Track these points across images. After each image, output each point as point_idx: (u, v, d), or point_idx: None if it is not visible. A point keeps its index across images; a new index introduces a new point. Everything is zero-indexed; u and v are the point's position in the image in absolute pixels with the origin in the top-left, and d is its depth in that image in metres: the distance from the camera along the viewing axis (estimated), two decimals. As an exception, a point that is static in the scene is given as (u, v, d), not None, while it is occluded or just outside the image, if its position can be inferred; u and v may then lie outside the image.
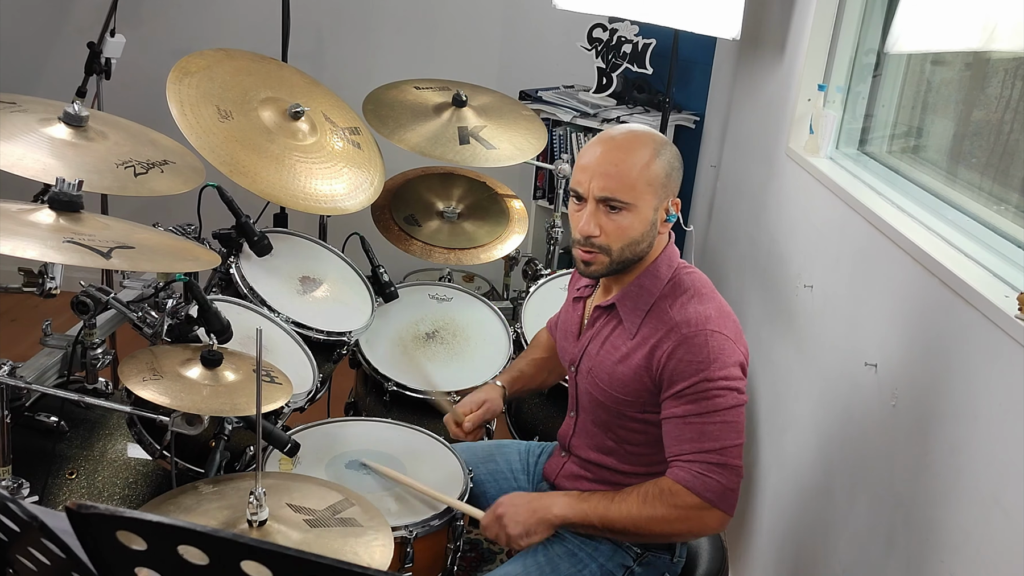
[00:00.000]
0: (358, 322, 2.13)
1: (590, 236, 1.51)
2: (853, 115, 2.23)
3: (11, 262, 1.31)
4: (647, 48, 3.16)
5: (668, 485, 1.48)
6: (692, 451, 1.47)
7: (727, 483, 1.46)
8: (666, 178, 1.52)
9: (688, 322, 1.48)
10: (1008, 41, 1.42)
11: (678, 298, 1.53)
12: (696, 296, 1.53)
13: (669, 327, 1.49)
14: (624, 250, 1.52)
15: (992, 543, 1.22)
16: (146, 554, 0.66)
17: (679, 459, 1.48)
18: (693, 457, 1.46)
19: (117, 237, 1.40)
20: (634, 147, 1.50)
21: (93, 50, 2.50)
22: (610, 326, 1.60)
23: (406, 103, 2.52)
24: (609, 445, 1.63)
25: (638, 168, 1.48)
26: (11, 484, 1.51)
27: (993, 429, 1.25)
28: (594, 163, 1.50)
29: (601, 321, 1.63)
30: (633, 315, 1.56)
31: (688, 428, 1.47)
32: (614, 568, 1.63)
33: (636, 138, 1.52)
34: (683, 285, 1.54)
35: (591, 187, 1.49)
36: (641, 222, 1.51)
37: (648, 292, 1.55)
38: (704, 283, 1.57)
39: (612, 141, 1.52)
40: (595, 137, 1.57)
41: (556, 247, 2.72)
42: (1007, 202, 1.55)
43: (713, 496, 1.45)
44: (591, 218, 1.50)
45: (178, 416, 1.49)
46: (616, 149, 1.50)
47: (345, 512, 1.44)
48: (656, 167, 1.50)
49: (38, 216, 1.39)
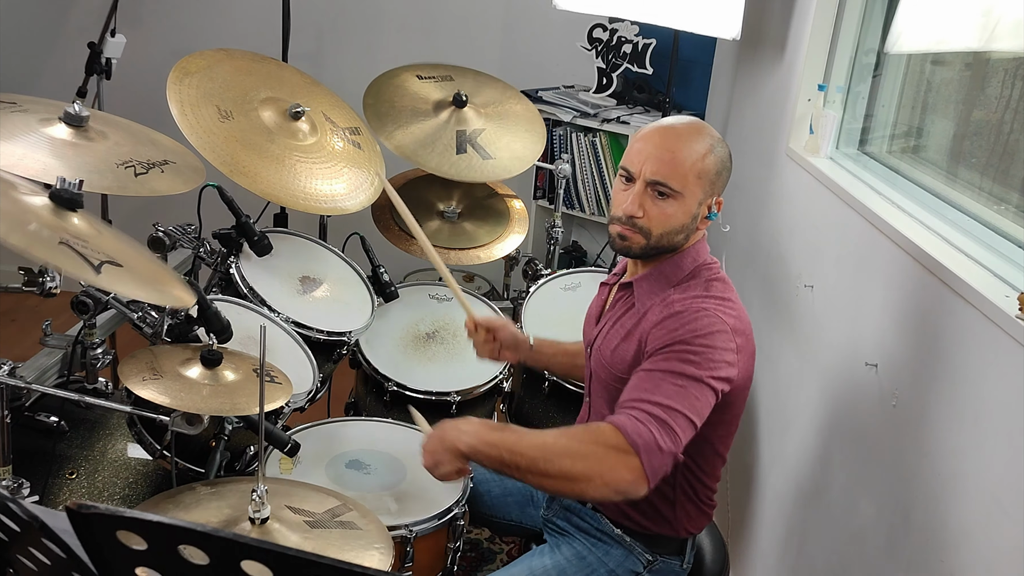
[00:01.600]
0: (358, 322, 2.14)
1: (633, 216, 1.50)
2: (853, 115, 2.23)
3: (11, 262, 1.31)
4: (647, 48, 3.16)
5: (596, 424, 1.39)
6: (638, 399, 1.39)
7: (660, 441, 1.32)
8: (716, 175, 1.52)
9: (684, 302, 1.48)
10: (1008, 41, 1.42)
11: (688, 287, 1.53)
12: (708, 290, 1.52)
13: (666, 305, 1.50)
14: (663, 237, 1.51)
15: (992, 543, 1.22)
16: (146, 554, 0.67)
17: (622, 406, 1.40)
18: (636, 404, 1.38)
19: (108, 249, 1.37)
20: (693, 137, 1.50)
21: (93, 50, 2.50)
22: (625, 307, 1.60)
23: (407, 98, 2.51)
24: None
25: (693, 158, 1.49)
26: (11, 484, 1.50)
27: (993, 429, 1.25)
28: (651, 146, 1.50)
29: (620, 303, 1.62)
30: (645, 298, 1.55)
31: (645, 380, 1.41)
32: (623, 574, 1.61)
33: (697, 129, 1.52)
34: (700, 279, 1.54)
35: (643, 168, 1.49)
36: (685, 213, 1.51)
37: (666, 280, 1.55)
38: (726, 284, 1.55)
39: (673, 128, 1.52)
40: (655, 122, 1.57)
41: (556, 247, 2.72)
42: (1007, 202, 1.55)
43: (640, 443, 1.32)
44: (637, 198, 1.50)
45: (178, 416, 1.49)
46: (676, 136, 1.50)
47: (344, 516, 1.44)
48: (710, 161, 1.50)
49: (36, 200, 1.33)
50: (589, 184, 3.25)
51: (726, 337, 1.45)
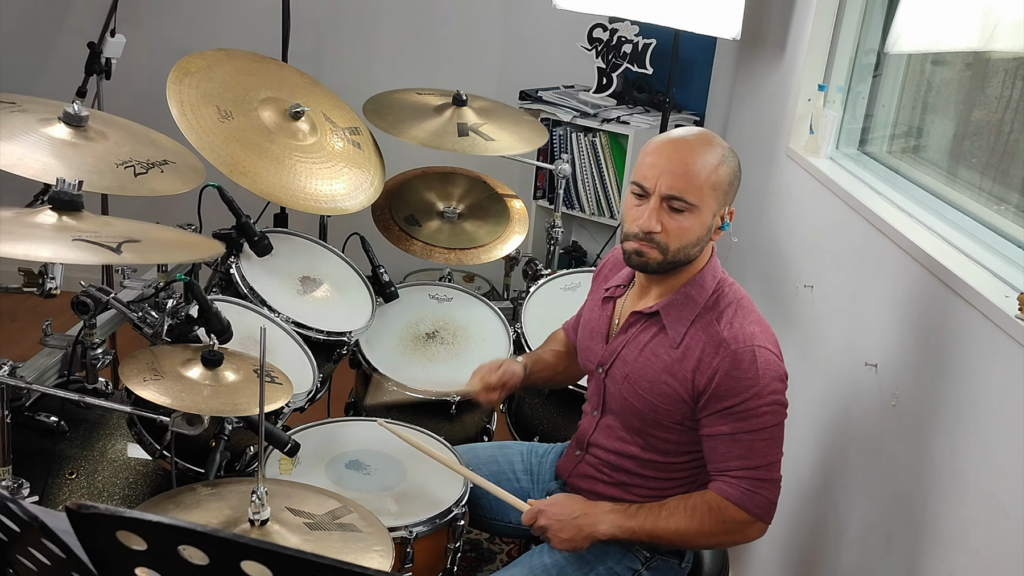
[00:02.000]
0: (358, 322, 2.13)
1: (651, 232, 1.49)
2: (853, 115, 2.23)
3: (11, 262, 1.31)
4: (647, 48, 3.16)
5: (716, 501, 1.50)
6: (740, 467, 1.48)
7: (772, 497, 1.49)
8: (729, 185, 1.52)
9: (736, 338, 1.48)
10: (1008, 41, 1.42)
11: (723, 311, 1.53)
12: (740, 310, 1.53)
13: (717, 342, 1.49)
14: (680, 251, 1.51)
15: (992, 543, 1.22)
16: (146, 554, 0.66)
17: (727, 475, 1.50)
18: (743, 474, 1.48)
19: (122, 233, 1.40)
20: (706, 149, 1.49)
21: (93, 50, 2.50)
22: (649, 333, 1.58)
23: (407, 104, 2.51)
24: (633, 451, 1.62)
25: (707, 170, 1.48)
26: (11, 484, 1.50)
27: (993, 429, 1.25)
28: (664, 159, 1.49)
29: (638, 327, 1.60)
30: (678, 324, 1.54)
31: (737, 445, 1.48)
32: (622, 571, 1.61)
33: (708, 140, 1.51)
34: (727, 297, 1.55)
35: (658, 183, 1.48)
36: (701, 225, 1.50)
37: (694, 302, 1.55)
38: (744, 296, 1.57)
39: (684, 141, 1.51)
40: (664, 134, 1.55)
41: (556, 247, 2.72)
42: (1007, 202, 1.55)
43: (760, 511, 1.49)
44: (654, 214, 1.49)
45: (178, 416, 1.49)
46: (688, 149, 1.49)
47: (344, 518, 1.44)
48: (723, 172, 1.50)
49: (40, 218, 1.38)
50: (589, 184, 3.25)
51: (779, 365, 1.51)
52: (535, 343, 2.25)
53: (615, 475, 1.65)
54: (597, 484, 1.67)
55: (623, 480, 1.64)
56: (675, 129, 1.57)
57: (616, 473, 1.65)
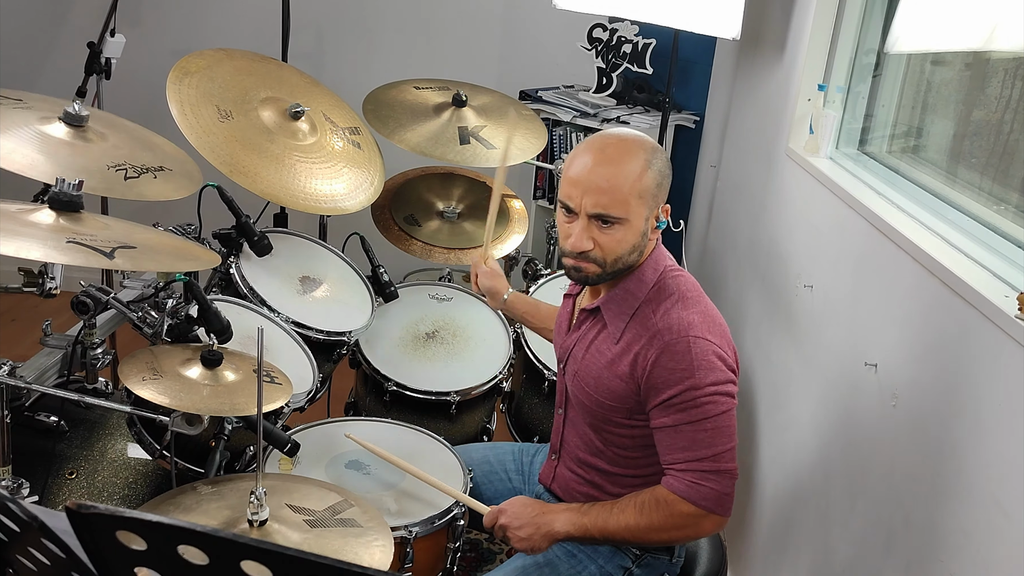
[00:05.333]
0: (358, 322, 2.13)
1: (585, 251, 1.49)
2: (853, 115, 2.23)
3: (11, 262, 1.31)
4: (647, 48, 3.16)
5: (663, 495, 1.48)
6: (685, 459, 1.46)
7: (721, 488, 1.46)
8: (657, 188, 1.50)
9: (670, 328, 1.46)
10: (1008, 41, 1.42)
11: (662, 303, 1.51)
12: (680, 301, 1.51)
13: (651, 334, 1.48)
14: (617, 261, 1.50)
15: (992, 543, 1.22)
16: (146, 554, 0.66)
17: (672, 468, 1.48)
18: (686, 466, 1.46)
19: (118, 237, 1.40)
20: (625, 159, 1.46)
21: (93, 50, 2.50)
22: (595, 330, 1.59)
23: (406, 103, 2.51)
24: (598, 446, 1.63)
25: (630, 182, 1.45)
26: (11, 484, 1.51)
27: (993, 429, 1.25)
28: (584, 177, 1.46)
29: (587, 324, 1.62)
30: (617, 320, 1.54)
31: (679, 437, 1.46)
32: (613, 569, 1.62)
33: (627, 149, 1.47)
34: (668, 289, 1.53)
35: (583, 203, 1.46)
36: (633, 234, 1.49)
37: (633, 296, 1.54)
38: (691, 287, 1.55)
39: (602, 153, 1.47)
40: (582, 144, 1.52)
41: (556, 247, 2.72)
42: (1007, 202, 1.55)
43: (709, 503, 1.46)
44: (583, 233, 1.48)
45: (178, 416, 1.49)
46: (607, 163, 1.46)
47: (345, 513, 1.44)
48: (647, 178, 1.47)
49: (39, 216, 1.39)
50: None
51: (722, 355, 1.47)
52: (535, 343, 2.26)
53: (588, 474, 1.66)
54: (573, 484, 1.69)
55: (595, 480, 1.65)
56: (595, 136, 1.53)
57: (591, 471, 1.65)
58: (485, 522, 1.62)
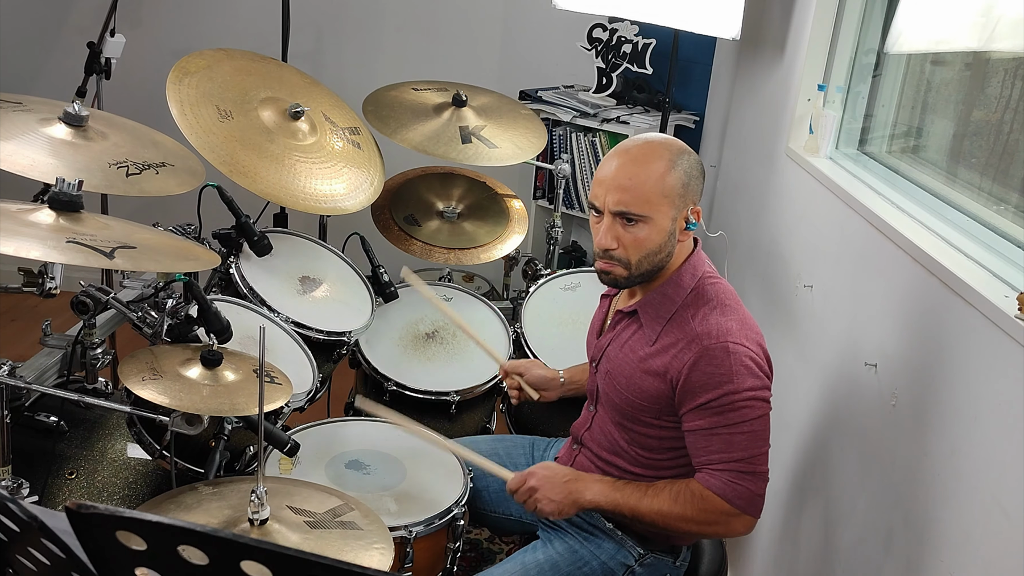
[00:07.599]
0: (358, 322, 2.13)
1: (608, 249, 1.52)
2: (853, 115, 2.23)
3: (11, 262, 1.31)
4: (647, 48, 3.15)
5: (699, 490, 1.50)
6: (720, 461, 1.49)
7: (756, 489, 1.49)
8: (683, 188, 1.52)
9: (709, 333, 1.49)
10: (1008, 41, 1.42)
11: (700, 308, 1.53)
12: (719, 307, 1.53)
13: (690, 337, 1.50)
14: (643, 261, 1.53)
15: (992, 543, 1.22)
16: (146, 554, 0.66)
17: (708, 467, 1.50)
18: (723, 467, 1.49)
19: (118, 237, 1.40)
20: (649, 159, 1.50)
21: (93, 50, 2.50)
22: (630, 330, 1.62)
23: (406, 103, 2.51)
24: (621, 446, 1.64)
25: (652, 180, 1.49)
26: (11, 484, 1.50)
27: (993, 429, 1.25)
28: (609, 177, 1.51)
29: (622, 324, 1.64)
30: (654, 322, 1.57)
31: (715, 439, 1.49)
32: (616, 567, 1.63)
33: (651, 150, 1.52)
34: (706, 296, 1.55)
35: (607, 201, 1.51)
36: (658, 233, 1.51)
37: (670, 300, 1.56)
38: (729, 294, 1.57)
39: (627, 154, 1.52)
40: (613, 149, 1.57)
41: (556, 247, 2.72)
42: (1007, 202, 1.55)
43: (743, 503, 1.48)
44: (608, 231, 1.52)
45: (178, 416, 1.49)
46: (631, 162, 1.51)
47: (345, 516, 1.44)
48: (672, 178, 1.50)
49: (38, 216, 1.39)
50: (589, 184, 3.25)
51: (759, 362, 1.50)
52: (535, 343, 2.26)
53: (608, 469, 1.67)
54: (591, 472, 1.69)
55: (614, 475, 1.65)
56: (625, 141, 1.58)
57: (608, 468, 1.66)
58: (510, 486, 1.62)
